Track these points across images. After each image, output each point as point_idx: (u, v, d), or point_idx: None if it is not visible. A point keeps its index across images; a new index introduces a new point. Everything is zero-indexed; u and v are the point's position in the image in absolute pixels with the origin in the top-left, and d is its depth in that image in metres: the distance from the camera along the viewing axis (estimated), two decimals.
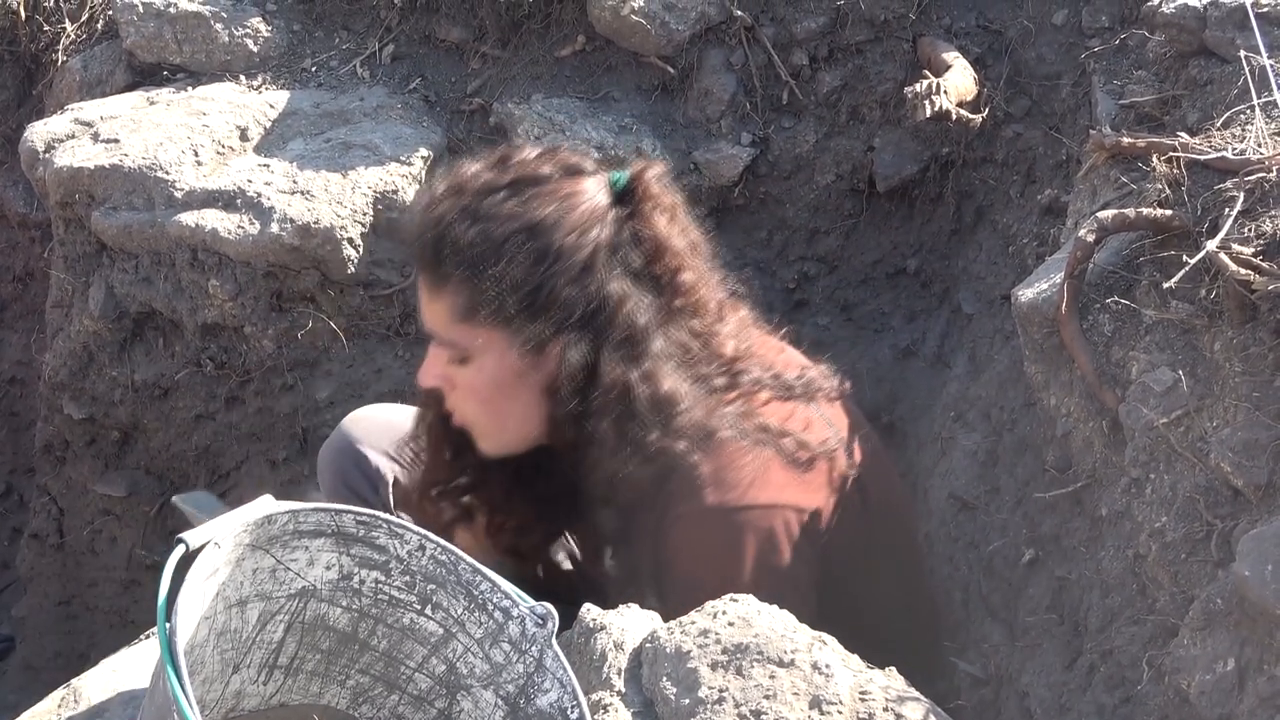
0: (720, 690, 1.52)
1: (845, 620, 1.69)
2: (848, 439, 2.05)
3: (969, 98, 2.93)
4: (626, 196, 1.91)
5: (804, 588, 1.91)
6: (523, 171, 1.90)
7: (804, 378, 2.04)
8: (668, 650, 1.58)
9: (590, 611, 1.67)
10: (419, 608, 1.56)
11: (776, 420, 1.95)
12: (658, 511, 1.91)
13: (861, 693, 1.53)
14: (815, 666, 1.54)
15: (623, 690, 1.57)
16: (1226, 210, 1.85)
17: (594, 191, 1.89)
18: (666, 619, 1.64)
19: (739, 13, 3.10)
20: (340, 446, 2.35)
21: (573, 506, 2.04)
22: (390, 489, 2.30)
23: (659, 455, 1.87)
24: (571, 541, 2.24)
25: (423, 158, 3.06)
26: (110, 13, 3.48)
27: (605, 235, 1.87)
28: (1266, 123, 2.00)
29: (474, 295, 1.86)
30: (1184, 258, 1.85)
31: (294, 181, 2.98)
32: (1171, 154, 2.03)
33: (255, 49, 3.32)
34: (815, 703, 1.50)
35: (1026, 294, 2.15)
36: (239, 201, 2.95)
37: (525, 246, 1.84)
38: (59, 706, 1.63)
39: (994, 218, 3.14)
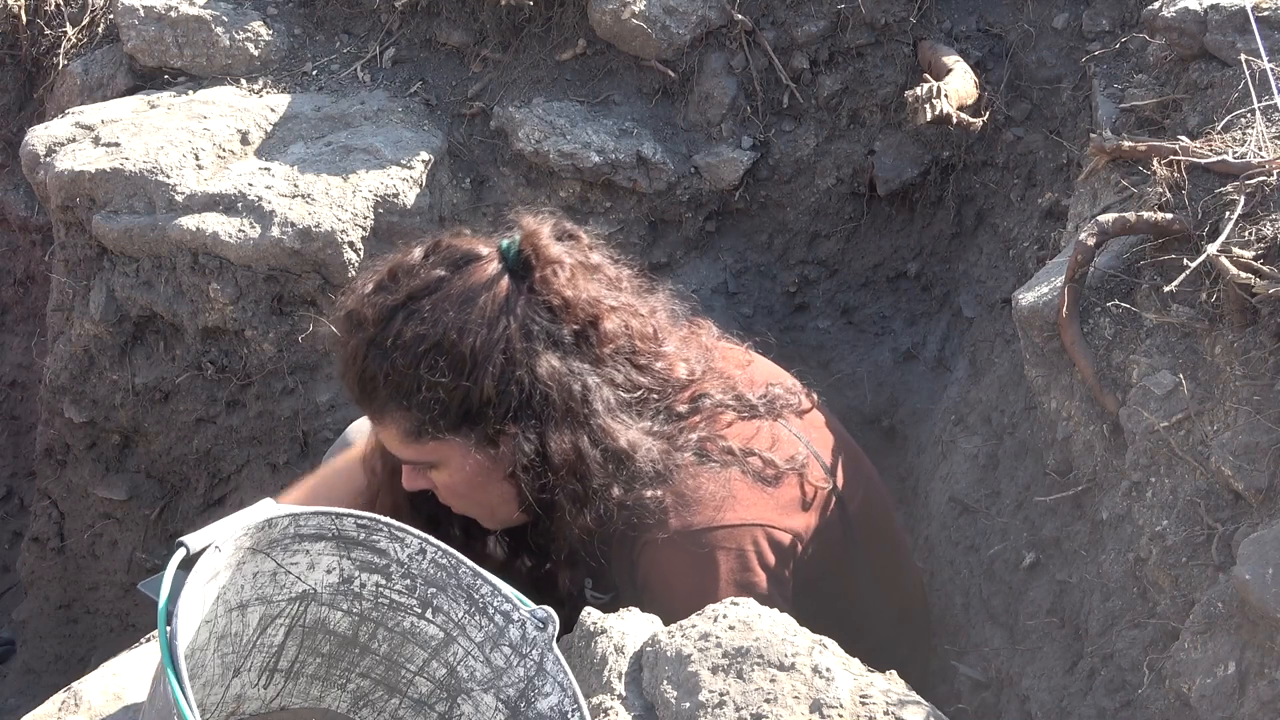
0: (721, 694, 1.52)
1: (834, 630, 1.69)
2: (820, 451, 2.06)
3: (969, 101, 2.93)
4: (523, 267, 1.89)
5: (779, 604, 1.91)
6: (413, 284, 1.87)
7: (767, 395, 2.03)
8: (668, 654, 1.58)
9: (591, 615, 1.67)
10: (419, 611, 1.56)
11: (741, 441, 1.95)
12: (629, 544, 1.92)
13: (862, 696, 1.53)
14: (816, 670, 1.54)
15: (623, 694, 1.57)
16: (1227, 214, 1.86)
17: (490, 277, 1.87)
18: None
19: (739, 16, 3.10)
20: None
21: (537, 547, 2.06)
22: None
23: (622, 509, 1.88)
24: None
25: (423, 161, 3.06)
26: (111, 16, 3.49)
27: (514, 321, 1.85)
28: (1267, 126, 2.00)
29: (412, 420, 1.86)
30: (1184, 261, 1.85)
31: (295, 185, 2.99)
32: (1172, 158, 2.03)
33: (256, 52, 3.32)
34: (816, 706, 1.50)
35: (1027, 297, 2.15)
36: (240, 205, 2.95)
37: (441, 364, 1.82)
38: (59, 710, 1.63)
39: (994, 221, 3.14)
